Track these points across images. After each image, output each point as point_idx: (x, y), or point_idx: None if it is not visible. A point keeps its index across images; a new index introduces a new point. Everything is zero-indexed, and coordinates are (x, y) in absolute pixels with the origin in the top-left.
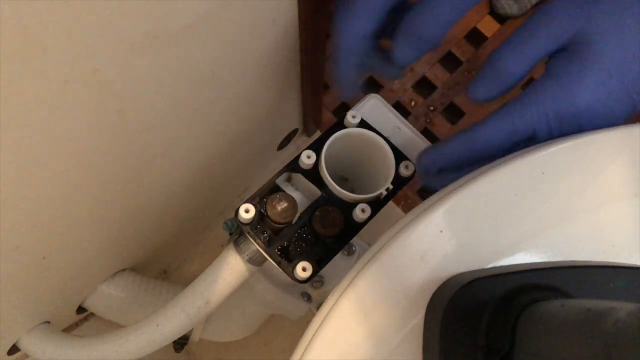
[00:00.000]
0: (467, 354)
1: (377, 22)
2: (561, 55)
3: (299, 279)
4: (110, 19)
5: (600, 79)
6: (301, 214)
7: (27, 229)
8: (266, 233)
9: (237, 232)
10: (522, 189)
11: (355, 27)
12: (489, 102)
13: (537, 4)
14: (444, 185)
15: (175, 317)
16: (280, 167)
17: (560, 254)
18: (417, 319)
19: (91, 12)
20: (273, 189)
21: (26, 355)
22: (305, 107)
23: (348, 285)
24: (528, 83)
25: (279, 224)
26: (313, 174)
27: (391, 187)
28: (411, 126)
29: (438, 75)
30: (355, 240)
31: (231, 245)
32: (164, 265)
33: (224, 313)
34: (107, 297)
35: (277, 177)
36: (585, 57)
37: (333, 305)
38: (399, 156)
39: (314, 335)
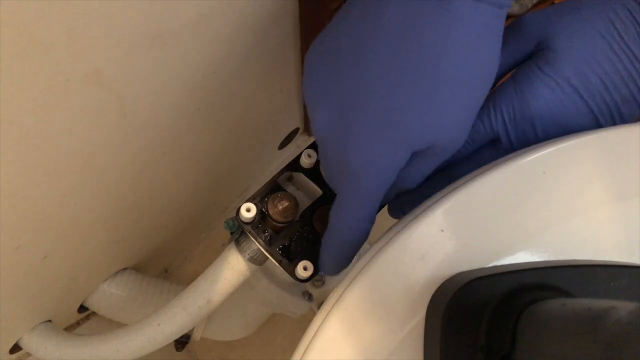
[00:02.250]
0: (468, 354)
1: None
2: (525, 62)
3: (300, 278)
4: (111, 19)
5: (554, 84)
6: (302, 213)
7: (28, 229)
8: (267, 232)
9: (238, 232)
10: (523, 189)
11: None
12: None
13: (537, 4)
14: (405, 210)
15: (177, 316)
16: (282, 166)
17: (561, 253)
18: (418, 319)
19: (92, 11)
20: (274, 188)
21: (28, 354)
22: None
23: (349, 284)
24: None
25: (280, 223)
26: (314, 173)
27: None
28: None
29: None
30: None
31: (232, 244)
32: (165, 265)
33: (225, 312)
34: (108, 296)
35: (278, 176)
36: (544, 63)
37: (334, 305)
38: None
39: (315, 334)
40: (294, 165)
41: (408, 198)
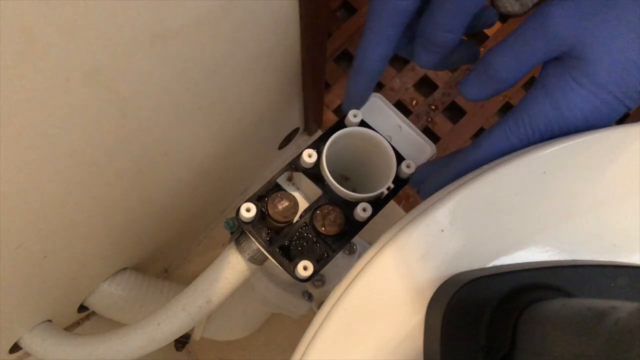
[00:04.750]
0: (468, 353)
1: (396, 42)
2: (554, 65)
3: (300, 277)
4: (111, 18)
5: (591, 95)
6: (302, 213)
7: (28, 229)
8: (267, 232)
9: (238, 231)
10: (523, 189)
11: (377, 50)
12: (482, 101)
13: (538, 3)
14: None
15: (177, 316)
16: (282, 166)
17: (561, 253)
18: (418, 318)
19: (92, 10)
20: (274, 188)
21: (27, 354)
22: (306, 106)
23: (349, 284)
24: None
25: (280, 223)
26: (314, 173)
27: (392, 186)
28: (413, 125)
29: (439, 74)
30: (356, 239)
31: (232, 244)
32: (165, 264)
33: (225, 312)
34: (108, 295)
35: (278, 176)
36: (577, 72)
37: (334, 305)
38: (400, 155)
39: (315, 334)
40: (294, 165)
41: (429, 183)
